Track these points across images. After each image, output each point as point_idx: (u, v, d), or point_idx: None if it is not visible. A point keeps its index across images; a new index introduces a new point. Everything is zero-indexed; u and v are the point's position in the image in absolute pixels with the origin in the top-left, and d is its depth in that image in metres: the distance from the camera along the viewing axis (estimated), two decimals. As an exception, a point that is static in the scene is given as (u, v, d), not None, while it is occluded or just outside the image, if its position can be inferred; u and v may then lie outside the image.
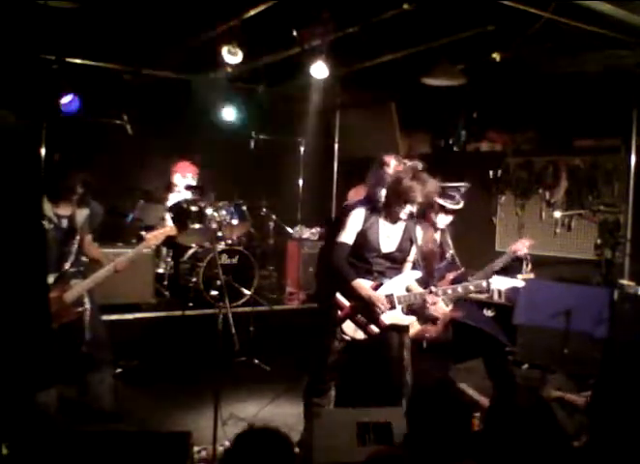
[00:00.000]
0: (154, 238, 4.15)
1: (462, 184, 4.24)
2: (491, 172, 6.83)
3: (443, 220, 4.28)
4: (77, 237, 3.99)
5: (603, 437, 2.33)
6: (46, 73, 5.77)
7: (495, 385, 4.37)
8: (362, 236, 3.81)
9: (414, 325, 4.08)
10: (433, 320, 4.13)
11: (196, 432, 3.44)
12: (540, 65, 5.73)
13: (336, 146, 8.63)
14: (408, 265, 3.94)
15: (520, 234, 6.58)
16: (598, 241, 5.77)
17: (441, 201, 4.15)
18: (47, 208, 3.86)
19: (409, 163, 3.84)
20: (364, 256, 3.82)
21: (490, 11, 4.52)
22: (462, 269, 4.41)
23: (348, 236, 3.82)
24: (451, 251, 4.40)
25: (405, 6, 4.49)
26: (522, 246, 4.45)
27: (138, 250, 4.19)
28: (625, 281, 5.22)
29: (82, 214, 4.06)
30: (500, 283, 3.87)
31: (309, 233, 7.62)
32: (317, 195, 8.42)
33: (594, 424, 2.30)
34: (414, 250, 3.89)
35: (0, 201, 1.93)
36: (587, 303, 4.64)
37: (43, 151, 5.27)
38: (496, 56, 5.16)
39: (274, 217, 7.62)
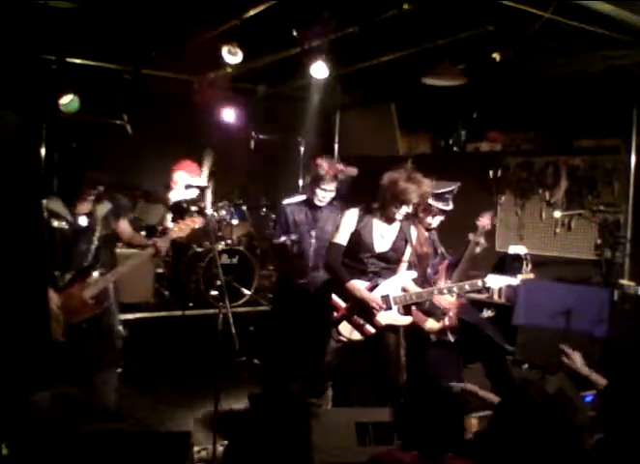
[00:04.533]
0: (179, 230, 4.08)
1: (455, 186, 4.24)
2: (491, 172, 6.82)
3: (436, 221, 4.30)
4: (97, 234, 3.93)
5: (608, 438, 2.32)
6: (46, 73, 5.77)
7: (494, 387, 4.37)
8: (355, 236, 3.81)
9: (434, 325, 4.10)
10: (445, 314, 4.14)
11: (196, 432, 3.44)
12: (540, 65, 5.72)
13: (336, 146, 8.62)
14: (403, 265, 3.94)
15: (520, 234, 6.59)
16: (598, 241, 5.78)
17: (436, 204, 4.14)
18: (61, 208, 3.81)
19: (348, 168, 3.97)
20: (359, 257, 3.82)
21: (490, 11, 4.52)
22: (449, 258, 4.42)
23: (342, 237, 3.82)
24: (441, 249, 4.42)
25: (405, 6, 4.48)
26: (487, 220, 4.41)
27: (165, 240, 4.07)
28: (625, 281, 5.22)
29: (102, 209, 3.99)
30: (495, 282, 3.87)
31: (309, 233, 7.60)
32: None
33: (601, 426, 2.30)
34: (409, 250, 3.89)
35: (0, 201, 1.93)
36: (587, 303, 4.65)
37: (43, 151, 5.29)
38: (496, 56, 5.16)
39: (274, 216, 7.60)
